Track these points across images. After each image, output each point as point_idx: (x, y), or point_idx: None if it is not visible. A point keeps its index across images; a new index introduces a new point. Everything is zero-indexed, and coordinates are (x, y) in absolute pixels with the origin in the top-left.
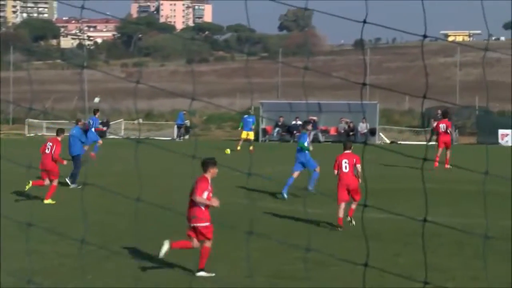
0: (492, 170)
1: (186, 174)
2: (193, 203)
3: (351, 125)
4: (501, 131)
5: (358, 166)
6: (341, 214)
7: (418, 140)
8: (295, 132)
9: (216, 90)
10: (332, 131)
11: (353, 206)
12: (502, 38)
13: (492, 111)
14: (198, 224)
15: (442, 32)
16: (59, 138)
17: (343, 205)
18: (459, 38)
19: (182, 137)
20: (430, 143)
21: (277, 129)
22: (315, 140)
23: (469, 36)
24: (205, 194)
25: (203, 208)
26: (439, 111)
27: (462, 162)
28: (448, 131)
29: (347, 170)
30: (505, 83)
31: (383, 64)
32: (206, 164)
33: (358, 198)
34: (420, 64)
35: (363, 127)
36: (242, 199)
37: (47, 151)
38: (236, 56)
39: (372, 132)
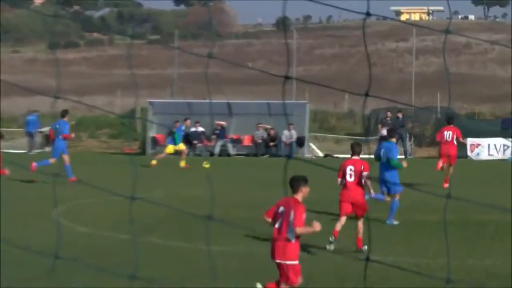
0: (459, 192)
1: (45, 200)
2: (279, 235)
3: (272, 132)
4: (470, 140)
5: (365, 174)
6: (338, 227)
7: (366, 153)
8: (195, 142)
9: (89, 84)
10: (246, 141)
11: (360, 233)
12: (472, 17)
13: (458, 114)
14: (285, 262)
15: (392, 8)
16: None
17: (344, 219)
18: (415, 17)
19: (37, 149)
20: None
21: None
22: (223, 153)
23: (428, 14)
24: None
25: (293, 240)
26: (389, 114)
27: (419, 182)
28: (455, 141)
29: (352, 179)
30: (475, 76)
31: (314, 51)
32: (297, 182)
33: (361, 213)
34: (363, 50)
35: (288, 135)
36: (123, 233)
37: None
38: (116, 39)
39: (300, 142)
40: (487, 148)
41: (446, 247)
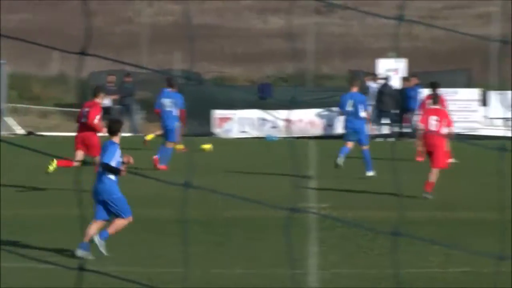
0: (205, 181)
1: None
2: None
3: None
4: (218, 113)
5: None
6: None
7: (75, 130)
8: None
9: None
10: None
11: (432, 178)
12: None
13: (204, 78)
14: None
15: None
16: (98, 100)
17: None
18: None
19: None
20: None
21: None
22: None
23: None
24: None
25: None
26: (112, 78)
27: (151, 167)
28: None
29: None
30: (226, 29)
31: None
32: None
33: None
34: None
35: None
36: None
37: (83, 120)
38: None
39: None
40: (239, 123)
41: (184, 253)
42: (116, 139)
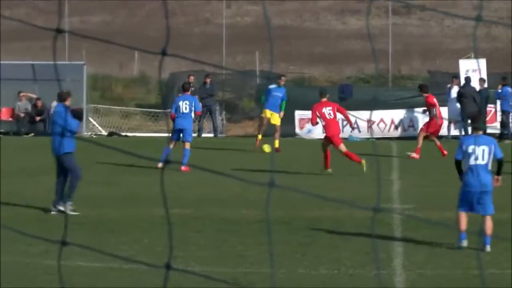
0: (286, 181)
1: None
2: None
3: (40, 103)
4: (299, 114)
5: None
6: None
7: (156, 130)
8: None
9: None
10: (5, 115)
11: None
12: None
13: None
14: None
15: None
16: (325, 99)
17: None
18: None
19: None
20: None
21: None
22: None
23: None
24: None
25: None
26: (192, 78)
27: (235, 167)
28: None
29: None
30: (305, 30)
31: None
32: None
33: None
34: None
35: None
36: None
37: (329, 117)
38: None
39: (77, 116)
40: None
41: (270, 253)
42: None
